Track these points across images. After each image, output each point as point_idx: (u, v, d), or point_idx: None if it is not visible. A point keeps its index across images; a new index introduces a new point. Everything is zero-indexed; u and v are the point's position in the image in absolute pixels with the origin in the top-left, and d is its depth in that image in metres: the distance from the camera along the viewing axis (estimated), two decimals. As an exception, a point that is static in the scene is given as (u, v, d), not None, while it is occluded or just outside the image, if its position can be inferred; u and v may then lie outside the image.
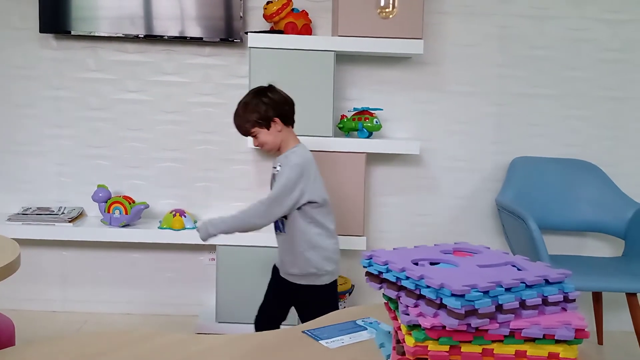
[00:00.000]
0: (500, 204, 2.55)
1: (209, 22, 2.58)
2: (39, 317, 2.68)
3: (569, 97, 2.72)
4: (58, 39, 2.66)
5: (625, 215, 2.54)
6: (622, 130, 2.73)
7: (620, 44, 2.68)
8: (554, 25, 2.68)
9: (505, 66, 2.70)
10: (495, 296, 0.86)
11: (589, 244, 2.76)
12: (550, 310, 0.90)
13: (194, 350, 1.13)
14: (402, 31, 2.42)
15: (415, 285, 0.90)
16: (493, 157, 2.74)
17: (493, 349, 0.87)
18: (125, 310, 2.75)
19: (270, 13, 2.48)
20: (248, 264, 2.49)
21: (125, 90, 2.70)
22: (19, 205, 2.70)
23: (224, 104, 2.69)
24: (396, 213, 2.77)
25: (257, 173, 2.74)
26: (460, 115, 2.72)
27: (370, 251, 1.03)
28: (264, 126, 1.88)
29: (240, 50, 2.67)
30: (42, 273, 2.76)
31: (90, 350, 1.11)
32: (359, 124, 2.52)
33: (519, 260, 1.00)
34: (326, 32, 2.65)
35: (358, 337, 1.18)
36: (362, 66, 2.69)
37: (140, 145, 2.72)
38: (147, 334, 1.20)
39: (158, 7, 2.57)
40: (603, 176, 2.62)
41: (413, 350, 0.87)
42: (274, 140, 1.90)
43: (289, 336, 1.19)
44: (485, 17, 2.67)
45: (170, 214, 2.56)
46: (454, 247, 1.08)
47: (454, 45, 2.69)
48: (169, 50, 2.68)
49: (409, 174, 2.75)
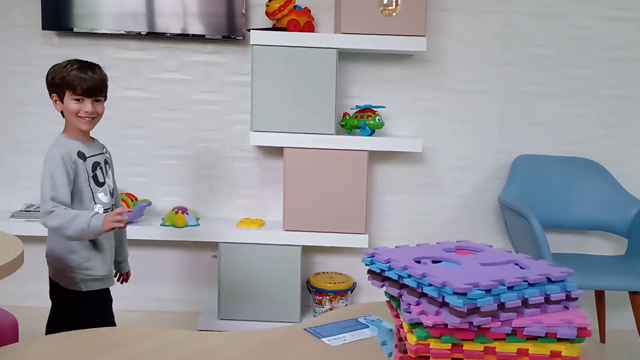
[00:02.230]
0: (503, 202, 2.55)
1: (211, 19, 2.58)
2: (41, 314, 2.67)
3: (572, 95, 2.71)
4: (60, 36, 2.66)
5: (629, 213, 2.53)
6: (625, 129, 2.72)
7: (624, 42, 2.68)
8: (556, 23, 2.67)
9: (508, 64, 2.69)
10: (497, 294, 0.86)
11: (592, 242, 2.76)
12: (552, 308, 0.90)
13: (197, 347, 1.13)
14: (405, 29, 2.42)
15: (417, 284, 0.90)
16: (496, 155, 2.74)
17: (495, 347, 0.87)
18: (127, 307, 2.75)
19: (273, 10, 2.48)
20: (250, 261, 2.49)
21: (127, 88, 2.70)
22: (22, 202, 2.71)
23: (226, 101, 2.69)
24: (398, 211, 2.77)
25: (259, 170, 2.74)
26: (463, 113, 2.72)
27: (373, 249, 1.03)
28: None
29: (243, 48, 2.67)
30: (45, 270, 2.75)
31: (93, 347, 1.11)
32: (361, 121, 2.51)
33: (521, 258, 1.00)
34: (329, 30, 2.65)
35: (360, 335, 1.18)
36: (364, 64, 2.69)
37: (143, 143, 2.73)
38: (149, 331, 1.20)
39: (160, 5, 2.57)
40: (606, 174, 2.62)
41: (415, 348, 0.87)
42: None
43: (291, 333, 1.19)
44: (488, 14, 2.67)
45: (172, 211, 2.56)
46: (456, 245, 1.08)
47: (456, 43, 2.68)
48: (171, 47, 2.68)
49: (411, 172, 2.75)
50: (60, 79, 1.66)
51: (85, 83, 1.66)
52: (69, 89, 1.66)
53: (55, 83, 1.68)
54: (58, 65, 1.70)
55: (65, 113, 1.71)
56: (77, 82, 1.65)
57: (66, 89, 1.66)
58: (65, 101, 1.68)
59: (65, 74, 1.66)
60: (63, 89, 1.67)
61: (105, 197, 1.74)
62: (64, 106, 1.69)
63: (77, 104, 1.67)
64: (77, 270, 1.72)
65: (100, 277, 1.74)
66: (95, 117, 1.70)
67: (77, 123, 1.69)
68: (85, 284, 1.72)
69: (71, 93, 1.66)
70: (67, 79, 1.65)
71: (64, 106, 1.69)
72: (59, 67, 1.69)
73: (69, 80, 1.65)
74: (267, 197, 2.75)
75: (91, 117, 1.69)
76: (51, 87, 1.71)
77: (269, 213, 2.74)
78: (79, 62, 1.70)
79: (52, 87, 1.71)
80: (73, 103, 1.67)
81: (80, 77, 1.65)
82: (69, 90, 1.66)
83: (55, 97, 1.71)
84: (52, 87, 1.71)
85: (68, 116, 1.70)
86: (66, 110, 1.69)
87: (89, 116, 1.68)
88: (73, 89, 1.66)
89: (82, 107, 1.67)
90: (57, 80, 1.67)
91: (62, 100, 1.69)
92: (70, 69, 1.66)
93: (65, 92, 1.67)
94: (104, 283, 1.77)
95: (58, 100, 1.70)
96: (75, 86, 1.65)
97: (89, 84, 1.66)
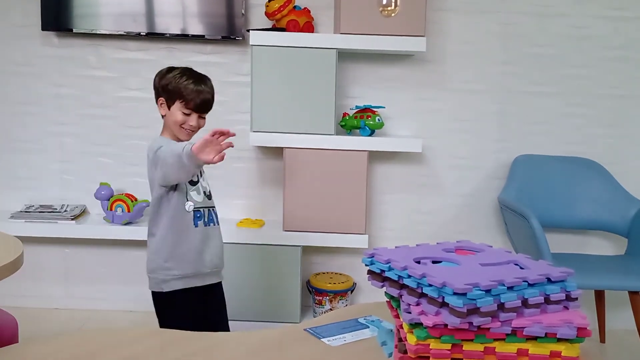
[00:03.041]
0: (503, 202, 2.55)
1: (211, 19, 2.58)
2: (41, 315, 2.69)
3: (572, 94, 2.71)
4: (60, 37, 2.66)
5: (628, 213, 2.53)
6: (625, 128, 2.72)
7: (623, 42, 2.68)
8: (556, 23, 2.67)
9: (507, 64, 2.69)
10: (497, 295, 0.86)
11: (592, 242, 2.76)
12: (552, 308, 0.90)
13: (196, 347, 1.13)
14: (405, 29, 2.42)
15: (417, 284, 0.90)
16: (496, 155, 2.74)
17: (495, 347, 0.87)
18: (127, 308, 2.75)
19: (272, 10, 2.48)
20: (249, 262, 2.49)
21: (127, 88, 2.70)
22: (21, 202, 2.71)
23: (226, 101, 2.69)
24: (398, 211, 2.77)
25: (258, 171, 2.74)
26: (463, 113, 2.72)
27: (373, 249, 1.02)
28: None
29: (242, 48, 2.67)
30: (44, 270, 2.76)
31: (93, 348, 1.11)
32: (361, 121, 2.51)
33: (521, 258, 1.00)
34: (328, 30, 2.65)
35: (360, 335, 1.18)
36: (364, 64, 2.68)
37: (142, 143, 2.72)
38: (149, 331, 1.20)
39: (160, 5, 2.57)
40: (606, 174, 2.62)
41: (415, 349, 0.87)
42: None
43: (291, 334, 1.19)
44: (488, 14, 2.67)
45: (172, 212, 2.56)
46: (456, 245, 1.08)
47: (456, 43, 2.68)
48: (171, 48, 2.68)
49: (411, 171, 2.75)
50: (175, 88, 1.69)
51: (199, 99, 1.69)
52: (181, 100, 1.69)
53: (169, 90, 1.70)
54: (173, 71, 1.72)
55: (167, 119, 1.73)
56: (191, 96, 1.68)
57: (178, 99, 1.69)
58: (172, 109, 1.70)
59: (181, 85, 1.68)
60: (175, 97, 1.69)
61: (198, 195, 1.74)
62: (169, 113, 1.71)
63: (184, 116, 1.69)
64: (158, 270, 1.71)
65: (181, 276, 1.70)
66: (195, 131, 1.75)
67: (178, 133, 1.72)
68: (167, 284, 1.71)
69: (182, 105, 1.69)
70: (182, 91, 1.68)
71: (170, 113, 1.71)
72: (176, 76, 1.70)
73: (185, 93, 1.68)
74: (267, 197, 2.75)
75: (194, 131, 1.73)
76: (162, 91, 1.72)
77: (269, 213, 2.74)
78: (194, 74, 1.73)
79: (163, 92, 1.72)
80: (180, 114, 1.69)
81: (196, 92, 1.68)
82: (181, 101, 1.69)
83: (161, 101, 1.73)
84: (163, 92, 1.72)
85: (170, 123, 1.72)
86: (170, 117, 1.71)
87: (192, 129, 1.72)
88: (186, 102, 1.68)
89: (187, 120, 1.70)
90: (171, 88, 1.69)
91: (169, 106, 1.71)
92: (187, 82, 1.69)
93: (176, 101, 1.69)
94: (188, 282, 1.72)
95: (164, 104, 1.72)
96: (189, 100, 1.68)
97: (203, 100, 1.70)
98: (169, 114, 1.71)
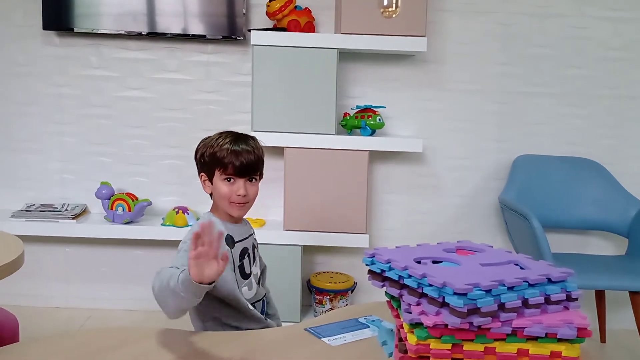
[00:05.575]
0: (503, 202, 2.55)
1: (212, 19, 2.58)
2: (42, 314, 2.69)
3: (571, 95, 2.71)
4: (60, 36, 2.66)
5: (629, 213, 2.53)
6: (625, 129, 2.72)
7: (623, 42, 2.68)
8: (556, 23, 2.67)
9: (507, 64, 2.69)
10: (497, 295, 0.86)
11: (592, 242, 2.76)
12: (552, 309, 0.90)
13: (197, 347, 1.13)
14: (405, 29, 2.42)
15: (417, 284, 0.90)
16: (496, 155, 2.74)
17: (495, 347, 0.87)
18: (128, 307, 2.75)
19: (273, 10, 2.48)
20: (250, 262, 2.49)
21: (127, 88, 2.70)
22: (22, 202, 2.71)
23: (227, 101, 2.69)
24: (399, 211, 2.77)
25: (259, 170, 2.74)
26: (463, 113, 2.72)
27: (373, 249, 1.03)
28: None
29: (243, 48, 2.67)
30: (45, 269, 2.77)
31: (94, 347, 1.11)
32: (361, 121, 2.51)
33: (521, 258, 1.00)
34: (329, 30, 2.65)
35: (360, 335, 1.18)
36: (365, 64, 2.69)
37: (143, 143, 2.73)
38: (149, 330, 1.20)
39: (161, 4, 2.57)
40: (606, 174, 2.62)
41: (415, 349, 0.87)
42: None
43: (291, 334, 1.20)
44: (488, 15, 2.67)
45: (173, 211, 2.56)
46: (456, 245, 1.08)
47: (456, 43, 2.68)
48: (172, 47, 2.68)
49: (411, 171, 2.75)
50: (210, 156, 1.44)
51: (237, 159, 1.41)
52: (218, 167, 1.43)
53: (204, 161, 1.46)
54: (208, 138, 1.48)
55: (215, 196, 1.48)
56: (228, 158, 1.41)
57: (216, 167, 1.43)
58: (214, 182, 1.45)
59: (216, 148, 1.43)
60: (212, 167, 1.44)
61: (250, 291, 1.48)
62: (213, 187, 1.46)
63: (228, 185, 1.43)
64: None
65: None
66: (248, 201, 1.46)
67: (228, 209, 1.45)
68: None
69: (221, 172, 1.43)
70: (217, 155, 1.42)
71: (214, 187, 1.46)
72: (209, 141, 1.47)
73: (220, 157, 1.42)
74: (267, 197, 2.74)
75: (244, 202, 1.45)
76: (200, 165, 1.49)
77: (269, 213, 2.74)
78: (232, 134, 1.47)
79: (200, 165, 1.49)
80: (223, 185, 1.43)
81: (233, 152, 1.41)
82: (219, 168, 1.43)
83: (204, 177, 1.48)
84: (200, 165, 1.49)
85: (218, 200, 1.47)
86: (216, 192, 1.46)
87: (242, 201, 1.44)
88: (224, 167, 1.42)
89: (233, 190, 1.43)
90: (207, 157, 1.45)
91: (211, 180, 1.46)
92: (222, 143, 1.43)
93: (215, 170, 1.44)
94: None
95: (207, 180, 1.47)
96: (227, 164, 1.41)
97: (242, 160, 1.42)
98: (214, 189, 1.46)
